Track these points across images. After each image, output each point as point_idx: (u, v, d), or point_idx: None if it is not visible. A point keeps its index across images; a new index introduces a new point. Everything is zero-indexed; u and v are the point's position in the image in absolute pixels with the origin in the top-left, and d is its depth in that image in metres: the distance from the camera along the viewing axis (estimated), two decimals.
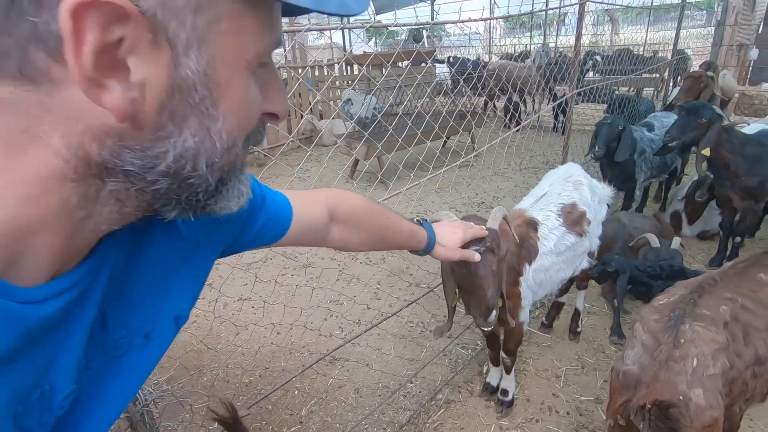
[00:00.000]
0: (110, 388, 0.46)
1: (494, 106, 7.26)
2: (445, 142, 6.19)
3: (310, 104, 7.22)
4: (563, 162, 2.87)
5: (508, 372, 1.98)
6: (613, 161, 3.16)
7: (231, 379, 2.23)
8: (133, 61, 0.30)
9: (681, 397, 1.12)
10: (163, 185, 0.35)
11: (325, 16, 0.43)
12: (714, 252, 3.13)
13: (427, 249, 1.02)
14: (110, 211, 0.36)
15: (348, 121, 5.67)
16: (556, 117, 6.76)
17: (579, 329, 2.45)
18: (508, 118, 6.81)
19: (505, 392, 2.00)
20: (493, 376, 2.08)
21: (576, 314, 2.47)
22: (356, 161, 5.24)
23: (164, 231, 0.47)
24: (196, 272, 0.54)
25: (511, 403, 1.99)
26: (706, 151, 2.64)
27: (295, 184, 5.16)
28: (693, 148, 2.93)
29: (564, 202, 1.92)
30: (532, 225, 1.79)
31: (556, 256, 1.83)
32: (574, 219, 1.90)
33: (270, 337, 2.37)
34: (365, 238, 0.91)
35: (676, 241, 2.46)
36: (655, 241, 2.42)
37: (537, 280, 1.78)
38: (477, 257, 1.16)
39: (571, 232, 1.87)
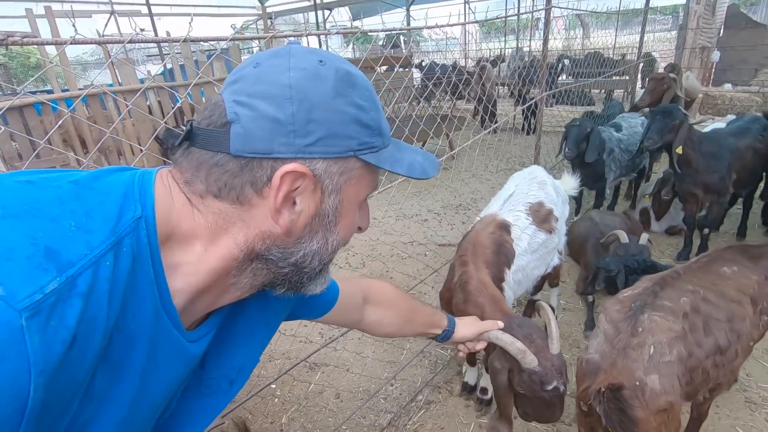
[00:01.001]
0: (193, 418, 0.61)
1: (476, 109, 7.37)
2: (422, 146, 6.26)
3: None
4: (535, 162, 2.94)
5: (487, 371, 2.00)
6: (583, 161, 3.26)
7: None
8: (299, 199, 0.49)
9: (637, 383, 1.17)
10: (287, 271, 0.53)
11: (303, 22, 0.60)
12: (681, 247, 3.25)
13: (446, 335, 1.12)
14: (246, 282, 0.53)
15: None
16: (526, 119, 6.92)
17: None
18: (479, 120, 6.91)
19: (484, 391, 2.03)
20: (470, 375, 2.11)
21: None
22: None
23: (258, 298, 0.62)
24: (271, 333, 0.71)
25: (490, 401, 2.01)
26: (680, 150, 2.75)
27: None
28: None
29: (531, 201, 1.97)
30: (505, 228, 1.82)
31: (530, 255, 1.88)
32: (542, 217, 1.95)
33: None
34: (395, 320, 1.03)
35: (644, 237, 2.54)
36: (624, 237, 2.49)
37: (516, 280, 1.83)
38: (499, 326, 1.21)
39: (540, 229, 1.92)
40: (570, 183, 2.61)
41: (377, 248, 3.60)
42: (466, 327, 1.15)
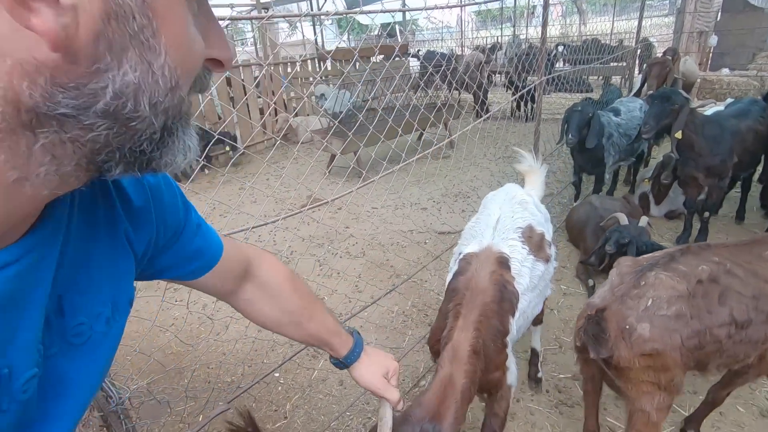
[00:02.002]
0: (75, 377, 0.44)
1: (476, 96, 7.34)
2: (421, 134, 6.22)
3: (284, 101, 7.14)
4: (534, 149, 2.92)
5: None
6: (583, 147, 3.24)
7: (212, 379, 2.20)
8: None
9: (627, 327, 1.26)
10: (102, 130, 0.31)
11: (294, 7, 0.40)
12: (681, 231, 3.26)
13: (347, 359, 0.88)
14: (47, 172, 0.31)
15: (324, 117, 5.64)
16: (518, 107, 6.89)
17: (539, 374, 2.09)
18: (478, 106, 6.87)
19: None
20: None
21: (534, 356, 2.13)
22: (332, 156, 5.22)
23: (106, 214, 0.47)
24: (136, 256, 0.52)
25: None
26: (679, 134, 2.74)
27: (271, 182, 5.11)
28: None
29: (521, 226, 1.64)
30: (505, 264, 1.48)
31: (531, 293, 1.53)
32: (536, 243, 1.63)
33: (251, 335, 2.34)
34: (276, 311, 0.80)
35: (643, 220, 2.55)
36: (624, 219, 2.50)
37: (517, 327, 1.48)
38: (399, 398, 0.92)
39: (538, 259, 1.59)
40: (538, 184, 2.18)
41: (377, 237, 3.60)
42: (368, 374, 0.89)
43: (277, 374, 2.21)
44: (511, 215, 1.67)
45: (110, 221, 0.47)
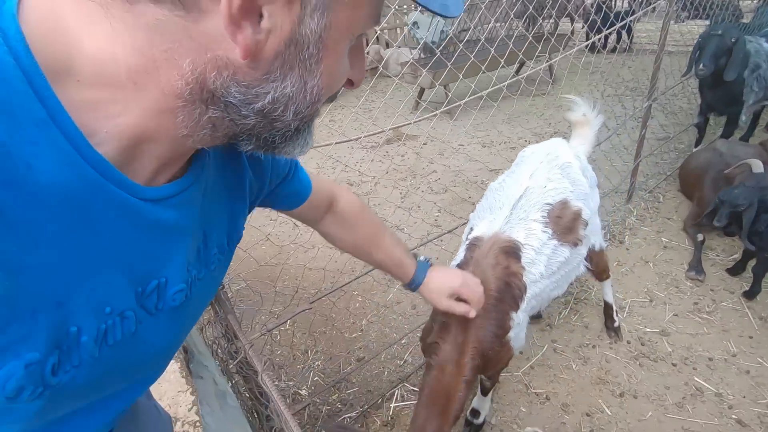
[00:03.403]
0: (207, 293, 0.56)
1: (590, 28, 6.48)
2: (518, 68, 5.72)
3: (376, 32, 6.95)
4: (650, 89, 2.53)
5: (484, 393, 1.60)
6: (718, 81, 2.74)
7: (300, 291, 2.44)
8: (267, 11, 0.34)
9: None
10: (252, 121, 0.40)
11: None
12: None
13: (411, 286, 1.01)
14: (204, 135, 0.40)
15: (414, 48, 5.42)
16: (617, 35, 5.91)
17: (616, 324, 1.98)
18: (594, 39, 6.07)
19: (475, 413, 1.63)
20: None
21: (608, 309, 2.00)
22: (421, 91, 5.07)
23: (236, 166, 0.57)
24: (251, 204, 0.64)
25: (480, 427, 1.63)
26: None
27: (360, 116, 5.16)
28: None
29: (551, 202, 1.39)
30: (513, 253, 1.29)
31: (548, 279, 1.36)
32: (566, 225, 1.39)
33: (335, 257, 2.52)
34: (352, 240, 0.95)
35: None
36: (758, 166, 2.12)
37: (528, 308, 1.35)
38: (469, 312, 1.02)
39: (564, 243, 1.38)
40: (589, 138, 1.89)
41: (461, 175, 3.52)
42: (433, 294, 1.01)
43: (356, 292, 2.38)
44: (543, 185, 1.42)
45: (237, 171, 0.57)
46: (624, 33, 6.73)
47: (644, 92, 2.67)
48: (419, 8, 0.41)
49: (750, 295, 2.08)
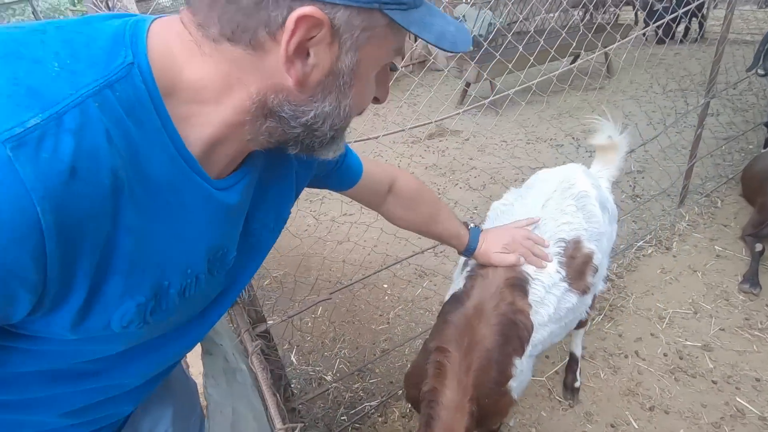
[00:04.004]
0: (249, 263, 0.69)
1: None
2: (572, 61, 5.46)
3: None
4: (709, 83, 2.34)
5: None
6: None
7: (332, 279, 2.53)
8: (313, 50, 0.45)
9: None
10: (298, 131, 0.52)
11: None
12: None
13: (467, 253, 1.15)
14: (263, 140, 0.53)
15: None
16: (679, 22, 5.37)
17: (577, 383, 1.73)
18: (652, 26, 5.66)
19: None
20: None
21: (573, 362, 1.75)
22: (467, 86, 4.99)
23: (283, 162, 0.67)
24: (297, 190, 0.75)
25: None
26: None
27: (404, 110, 5.17)
28: None
29: (565, 237, 1.22)
30: (520, 287, 1.13)
31: (554, 324, 1.19)
32: (577, 268, 1.22)
33: (368, 249, 2.58)
34: (412, 219, 1.06)
35: None
36: None
37: (531, 355, 1.19)
38: (517, 260, 1.11)
39: (573, 290, 1.20)
40: (614, 163, 1.66)
41: (501, 172, 3.45)
42: (485, 256, 1.14)
43: (385, 285, 2.43)
44: (556, 219, 1.24)
45: (285, 165, 0.68)
46: (694, 21, 6.20)
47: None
48: (467, 0, 0.47)
49: None
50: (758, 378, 1.71)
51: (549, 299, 1.15)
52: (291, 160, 0.69)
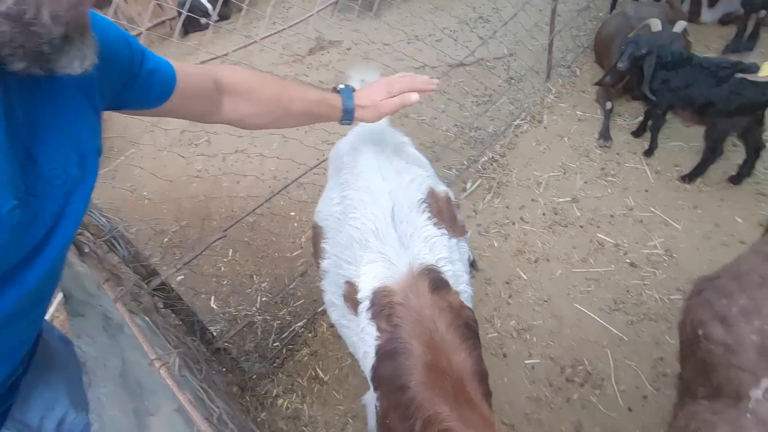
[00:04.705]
0: (62, 212, 0.55)
1: None
2: None
3: None
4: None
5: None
6: None
7: (236, 218, 2.45)
8: None
9: None
10: (6, 28, 0.38)
11: None
12: (731, 38, 2.82)
13: (347, 114, 0.94)
14: None
15: None
16: None
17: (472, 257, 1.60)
18: None
19: None
20: None
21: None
22: None
23: (51, 82, 0.51)
24: (91, 116, 0.59)
25: None
26: None
27: (278, 27, 4.73)
28: None
29: (421, 196, 1.05)
30: (441, 283, 0.92)
31: (468, 275, 1.06)
32: (448, 214, 1.09)
33: (268, 182, 2.50)
34: (259, 107, 0.86)
35: (680, 25, 2.21)
36: (656, 25, 2.18)
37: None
38: (411, 98, 0.93)
39: (456, 236, 1.07)
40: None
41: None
42: (369, 111, 0.95)
43: (292, 213, 2.42)
44: (403, 184, 1.05)
45: (61, 96, 0.53)
46: None
47: None
48: None
49: (648, 152, 2.27)
50: (612, 214, 2.06)
51: (458, 268, 0.99)
52: (67, 86, 0.54)
